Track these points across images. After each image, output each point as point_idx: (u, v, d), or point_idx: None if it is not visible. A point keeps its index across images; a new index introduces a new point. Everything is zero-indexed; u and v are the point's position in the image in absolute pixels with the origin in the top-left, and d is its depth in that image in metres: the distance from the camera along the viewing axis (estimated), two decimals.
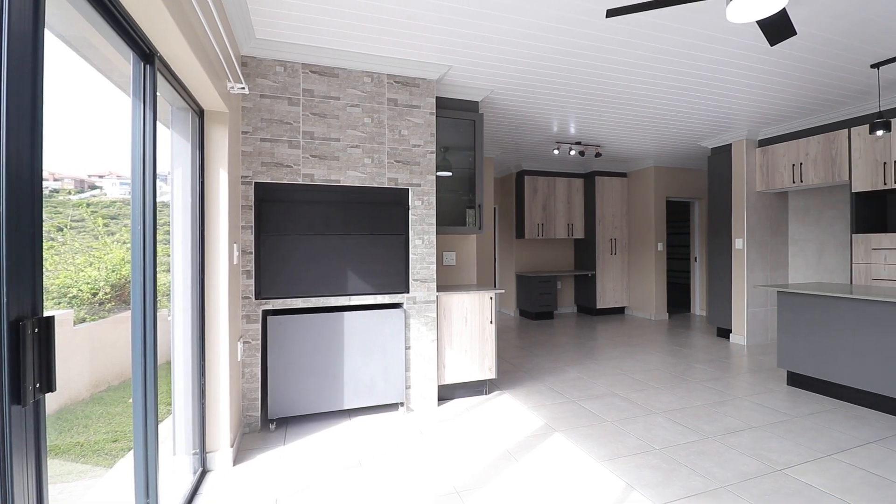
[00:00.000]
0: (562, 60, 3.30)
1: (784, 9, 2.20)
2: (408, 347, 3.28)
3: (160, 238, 2.68)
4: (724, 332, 5.73)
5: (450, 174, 3.92)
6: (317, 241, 3.02)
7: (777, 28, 2.39)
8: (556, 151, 5.98)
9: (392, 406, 3.34)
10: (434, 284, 3.35)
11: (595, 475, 2.37)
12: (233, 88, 2.47)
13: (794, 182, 5.00)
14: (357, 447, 2.71)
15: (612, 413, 3.23)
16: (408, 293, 3.27)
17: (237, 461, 2.54)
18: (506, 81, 3.70)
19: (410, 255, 3.28)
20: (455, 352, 3.49)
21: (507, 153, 6.52)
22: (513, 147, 6.13)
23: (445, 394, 3.56)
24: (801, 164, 4.92)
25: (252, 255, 2.89)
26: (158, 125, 2.05)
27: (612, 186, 7.57)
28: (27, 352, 0.89)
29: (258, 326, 2.91)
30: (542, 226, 7.37)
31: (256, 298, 2.90)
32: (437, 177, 3.81)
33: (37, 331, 0.93)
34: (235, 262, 2.70)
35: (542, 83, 3.76)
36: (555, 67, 3.43)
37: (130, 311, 1.78)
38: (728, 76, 3.65)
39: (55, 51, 1.55)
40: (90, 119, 2.27)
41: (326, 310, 3.16)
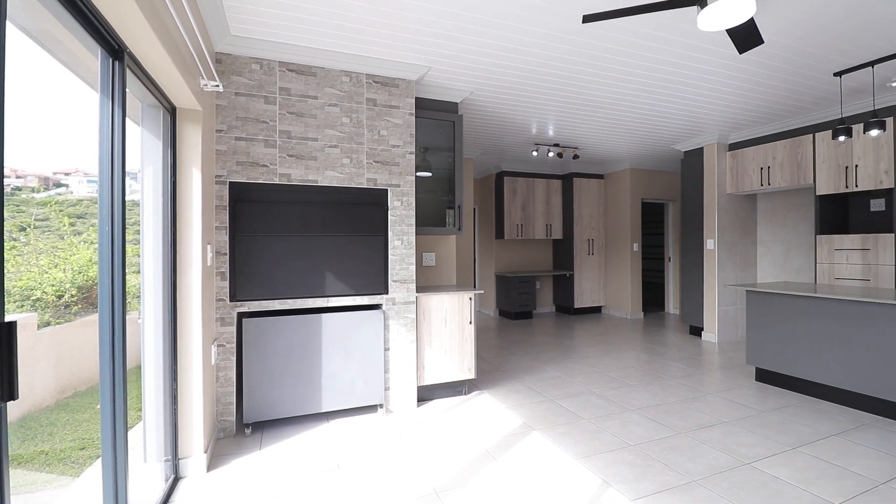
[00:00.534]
0: (539, 63, 3.34)
1: (752, 18, 2.28)
2: (387, 349, 3.26)
3: (130, 238, 2.60)
4: (697, 330, 5.89)
5: (430, 175, 3.93)
6: (294, 242, 2.98)
7: (745, 37, 2.47)
8: (535, 153, 6.05)
9: (371, 408, 3.32)
10: (413, 285, 3.34)
11: (572, 472, 2.41)
12: (206, 86, 2.42)
13: (763, 185, 5.18)
14: (335, 450, 2.69)
15: (589, 411, 3.29)
16: (387, 294, 3.26)
17: (211, 467, 2.49)
18: (485, 83, 3.72)
19: (390, 256, 3.27)
20: (435, 352, 3.49)
21: (487, 154, 6.56)
22: (492, 148, 6.17)
23: (425, 394, 3.56)
24: (769, 168, 5.10)
25: (227, 257, 2.83)
26: (128, 122, 1.99)
27: (590, 188, 7.70)
28: None
29: (233, 329, 2.85)
30: (522, 226, 7.44)
31: (231, 300, 2.84)
32: (417, 177, 3.81)
33: None
34: (209, 264, 2.64)
35: (521, 85, 3.80)
36: (532, 70, 3.47)
37: (98, 314, 1.73)
38: (700, 82, 3.76)
39: (17, 44, 1.49)
40: (56, 115, 2.18)
41: (304, 311, 3.12)
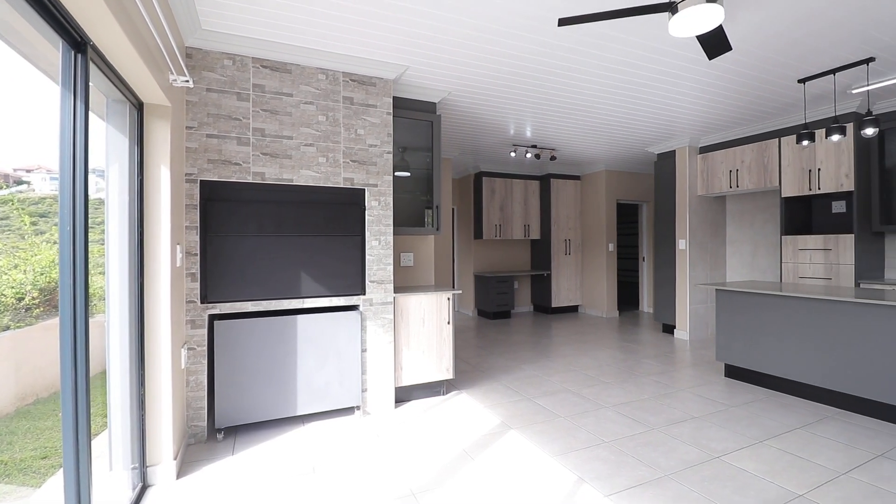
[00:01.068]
0: (516, 66, 3.37)
1: (721, 25, 2.35)
2: (364, 350, 3.23)
3: (95, 238, 2.51)
4: (669, 328, 6.04)
5: (408, 174, 3.91)
6: (268, 243, 2.92)
7: (715, 43, 2.54)
8: (513, 154, 6.10)
9: (348, 410, 3.29)
10: (391, 286, 3.32)
11: (548, 470, 2.43)
12: (175, 81, 2.35)
13: (731, 187, 5.35)
14: (311, 453, 2.64)
15: (566, 409, 3.33)
16: (364, 295, 3.23)
17: (181, 474, 2.41)
18: (463, 84, 3.73)
19: (367, 257, 3.24)
20: (412, 353, 3.48)
21: (466, 154, 6.57)
22: (471, 149, 6.19)
23: (403, 395, 3.54)
24: (738, 171, 5.27)
25: (197, 257, 2.75)
26: (93, 118, 1.91)
27: (567, 189, 7.80)
28: None
29: (204, 332, 2.77)
30: (500, 227, 7.49)
31: (202, 302, 2.77)
32: (395, 177, 3.79)
33: None
34: (179, 265, 2.57)
35: (499, 86, 3.82)
36: (510, 72, 3.49)
37: (59, 317, 1.66)
38: (672, 86, 3.85)
39: None
40: (16, 109, 2.08)
41: (278, 313, 3.07)
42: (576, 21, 2.25)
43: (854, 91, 3.94)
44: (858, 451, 2.61)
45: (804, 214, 4.95)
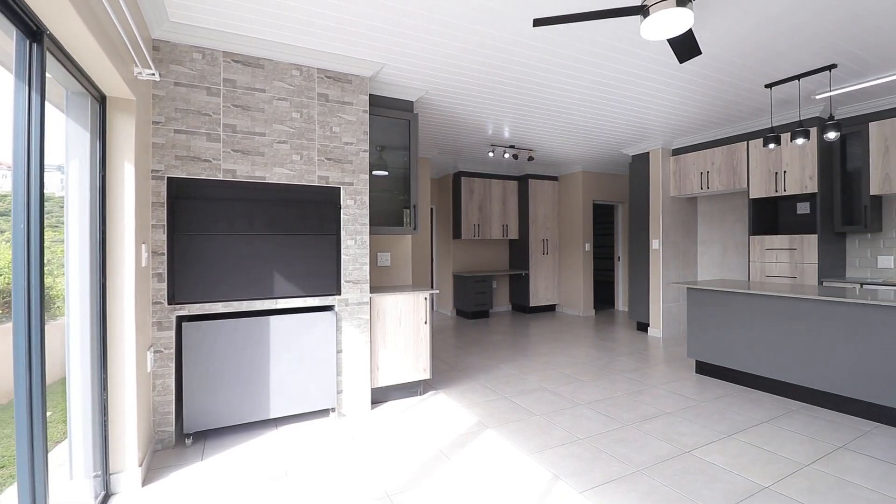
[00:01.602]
0: (494, 65, 3.38)
1: (691, 30, 2.41)
2: (339, 351, 3.18)
3: (56, 238, 2.40)
4: (643, 326, 6.16)
5: (386, 173, 3.88)
6: (239, 242, 2.85)
7: (685, 47, 2.60)
8: (492, 154, 6.12)
9: (323, 412, 3.23)
10: (367, 286, 3.28)
11: (524, 468, 2.44)
12: (140, 74, 2.26)
13: (702, 188, 5.49)
14: (284, 457, 2.59)
15: (542, 407, 3.35)
16: (339, 295, 3.18)
17: (147, 481, 2.33)
18: (441, 83, 3.72)
19: (342, 256, 3.19)
20: (389, 353, 3.45)
21: (445, 154, 6.57)
22: (450, 148, 6.18)
23: (379, 396, 3.51)
24: (708, 173, 5.41)
25: (164, 257, 2.66)
26: (53, 111, 1.83)
27: (545, 189, 7.88)
28: None
29: (172, 334, 2.68)
30: (479, 226, 7.51)
31: (170, 304, 2.68)
32: (373, 176, 3.75)
33: None
34: (144, 265, 2.48)
35: (476, 86, 3.82)
36: (487, 71, 3.50)
37: (12, 321, 1.58)
38: (645, 89, 3.93)
39: None
40: None
41: (251, 314, 3.00)
42: (550, 22, 2.27)
43: (818, 96, 4.09)
44: (821, 444, 2.70)
45: (771, 215, 5.11)
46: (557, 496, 2.17)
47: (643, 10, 2.19)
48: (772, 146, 3.98)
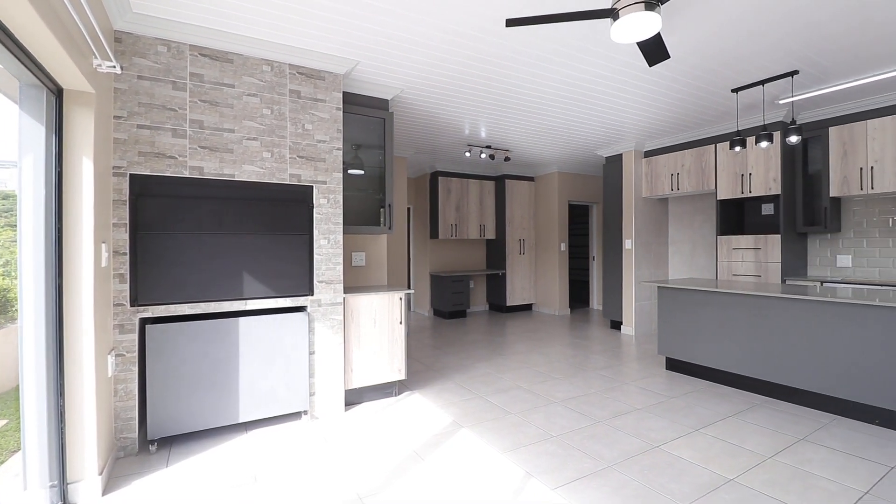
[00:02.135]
0: (469, 65, 3.38)
1: (659, 34, 2.46)
2: (312, 352, 3.13)
3: (7, 237, 2.28)
4: (617, 324, 6.28)
5: (362, 172, 3.83)
6: (207, 241, 2.77)
7: (654, 51, 2.65)
8: (468, 154, 6.13)
9: (295, 415, 3.17)
10: (341, 286, 3.24)
11: (498, 466, 2.45)
12: (101, 66, 2.17)
13: (673, 190, 5.63)
14: (253, 462, 2.53)
15: (517, 405, 3.37)
16: (312, 295, 3.13)
17: (108, 490, 2.24)
18: (416, 81, 3.70)
19: (315, 256, 3.14)
20: (363, 354, 3.41)
21: (421, 153, 6.54)
22: (426, 147, 6.17)
23: (353, 398, 3.46)
24: (679, 174, 5.55)
25: (127, 257, 2.56)
26: (6, 103, 1.73)
27: (521, 190, 7.95)
28: None
29: (135, 337, 2.59)
30: (456, 226, 7.52)
31: (132, 305, 2.58)
32: (349, 175, 3.70)
33: None
34: (105, 265, 2.38)
35: (452, 86, 3.82)
36: (462, 71, 3.50)
37: None
38: (618, 92, 3.99)
39: None
40: None
41: (219, 316, 2.92)
42: (523, 22, 2.28)
43: (781, 101, 4.24)
44: (783, 436, 2.80)
45: (737, 216, 5.28)
46: (530, 494, 2.18)
47: (613, 14, 2.22)
48: (738, 149, 4.10)
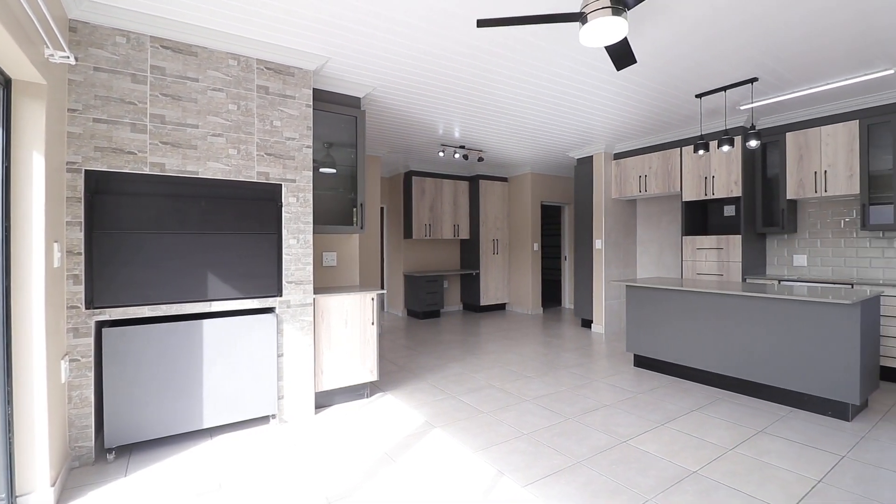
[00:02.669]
0: (441, 64, 3.37)
1: (626, 39, 2.51)
2: (280, 355, 3.06)
3: None
4: (587, 323, 6.40)
5: (334, 171, 3.77)
6: (169, 241, 2.67)
7: (621, 55, 2.71)
8: (442, 154, 6.13)
9: (263, 419, 3.10)
10: (311, 286, 3.18)
11: (469, 465, 2.45)
12: (53, 57, 2.06)
13: (641, 191, 5.78)
14: (218, 469, 2.45)
15: (489, 404, 3.39)
16: (281, 296, 3.06)
17: (61, 501, 2.13)
18: (389, 80, 3.67)
19: (284, 256, 3.07)
20: (334, 356, 3.36)
21: (395, 153, 6.50)
22: (400, 147, 6.13)
23: (324, 400, 3.41)
24: (646, 176, 5.70)
25: (82, 257, 2.44)
26: None
27: (495, 190, 8.00)
28: None
29: (90, 341, 2.47)
30: (430, 226, 7.51)
31: (88, 308, 2.46)
32: (320, 173, 3.64)
33: None
34: (57, 265, 2.26)
35: (424, 85, 3.81)
36: (435, 70, 3.49)
37: None
38: (589, 95, 4.07)
39: None
40: None
41: (182, 318, 2.82)
42: (493, 24, 2.29)
43: (742, 107, 4.41)
44: (743, 429, 2.91)
45: (701, 217, 5.47)
46: (501, 491, 2.19)
47: (582, 17, 2.26)
48: (701, 153, 4.24)
